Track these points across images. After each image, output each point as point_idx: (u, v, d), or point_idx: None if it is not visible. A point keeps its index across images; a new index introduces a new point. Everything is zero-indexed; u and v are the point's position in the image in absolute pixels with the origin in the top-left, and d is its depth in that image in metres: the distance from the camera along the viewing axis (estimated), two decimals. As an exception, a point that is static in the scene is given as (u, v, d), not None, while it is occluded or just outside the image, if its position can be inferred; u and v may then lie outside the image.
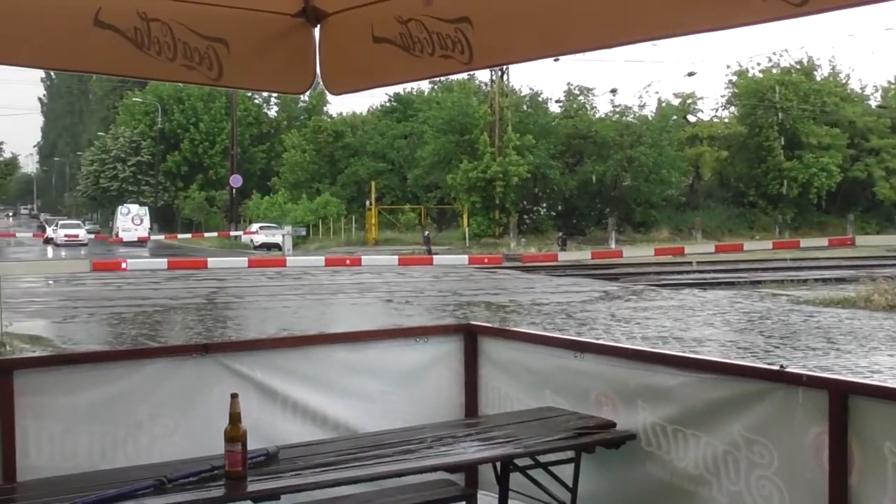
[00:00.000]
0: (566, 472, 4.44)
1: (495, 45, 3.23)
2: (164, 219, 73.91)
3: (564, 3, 3.00)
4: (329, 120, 70.70)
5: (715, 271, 29.52)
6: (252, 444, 3.70)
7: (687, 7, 2.70)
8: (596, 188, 53.53)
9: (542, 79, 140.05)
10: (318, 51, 3.78)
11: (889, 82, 63.29)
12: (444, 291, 24.46)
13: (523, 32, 3.14)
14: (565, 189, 53.04)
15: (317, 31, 3.76)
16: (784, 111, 54.46)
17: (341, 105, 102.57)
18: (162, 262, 28.10)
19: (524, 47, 3.24)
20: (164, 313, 19.83)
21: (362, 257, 27.16)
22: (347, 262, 26.24)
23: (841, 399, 3.61)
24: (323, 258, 26.16)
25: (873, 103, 61.71)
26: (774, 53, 68.68)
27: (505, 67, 52.44)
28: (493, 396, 5.27)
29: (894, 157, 55.07)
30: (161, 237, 53.44)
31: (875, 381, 11.16)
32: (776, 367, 3.94)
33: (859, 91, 62.04)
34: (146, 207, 67.60)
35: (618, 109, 56.13)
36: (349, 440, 4.45)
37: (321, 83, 3.83)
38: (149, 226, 63.39)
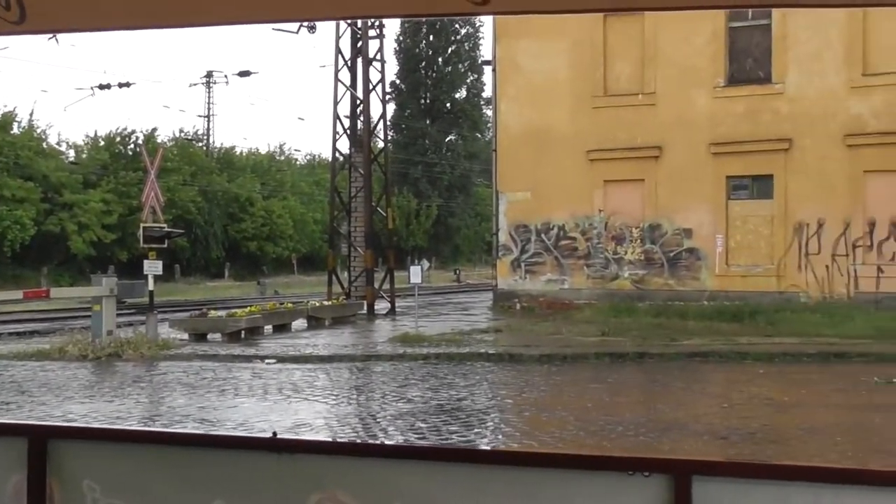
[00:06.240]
0: None
1: None
2: None
3: None
4: None
5: None
6: None
7: None
8: None
9: None
10: None
11: (85, 138, 65.56)
12: None
13: None
14: None
15: None
16: (-23, 162, 52.93)
17: None
18: None
19: None
20: None
21: None
22: None
23: (41, 444, 3.71)
24: None
25: (69, 159, 63.25)
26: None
27: None
28: None
29: (86, 213, 56.83)
30: None
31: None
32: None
33: (56, 146, 63.10)
34: None
35: None
36: None
37: None
38: None
